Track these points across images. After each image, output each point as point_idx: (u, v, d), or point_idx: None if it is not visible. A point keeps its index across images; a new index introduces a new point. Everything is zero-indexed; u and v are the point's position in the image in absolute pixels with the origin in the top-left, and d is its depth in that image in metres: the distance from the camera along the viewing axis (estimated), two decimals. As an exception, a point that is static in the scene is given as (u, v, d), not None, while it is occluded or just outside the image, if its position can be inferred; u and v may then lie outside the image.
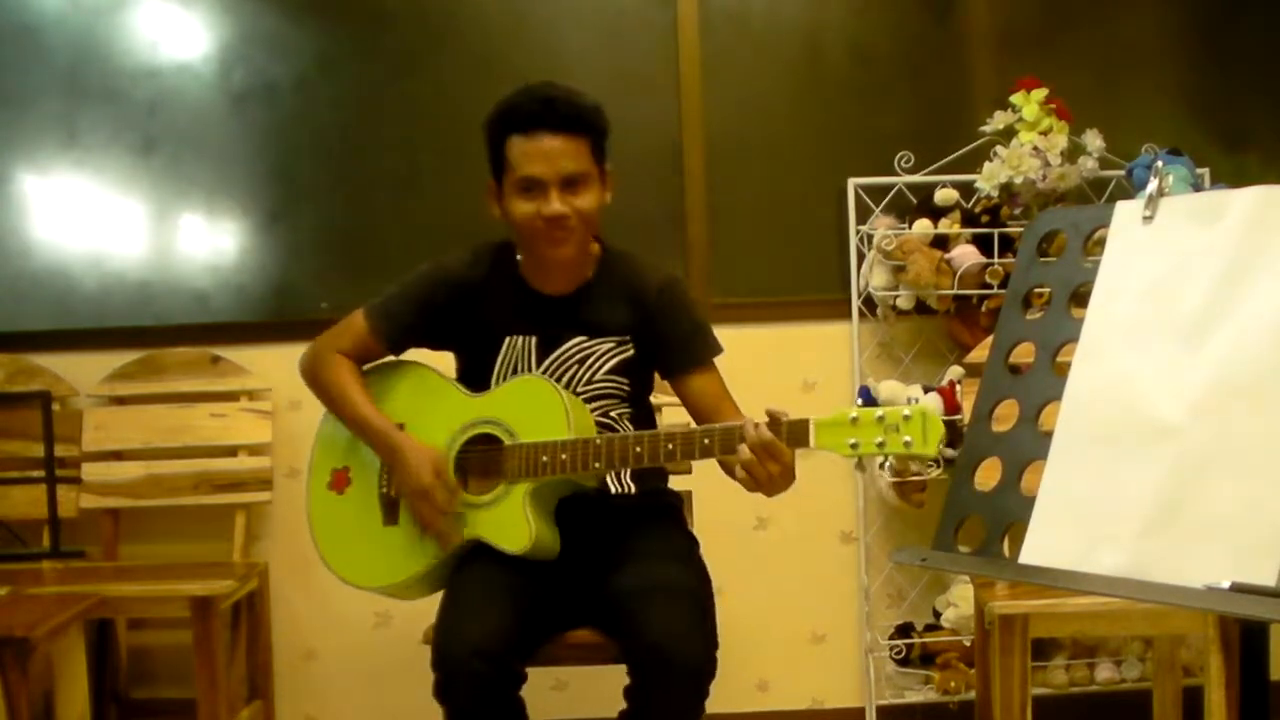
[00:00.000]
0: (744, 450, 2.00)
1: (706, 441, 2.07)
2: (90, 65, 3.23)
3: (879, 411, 1.94)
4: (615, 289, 2.29)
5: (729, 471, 2.17)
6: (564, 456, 2.13)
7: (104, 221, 3.25)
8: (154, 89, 3.24)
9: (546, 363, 2.26)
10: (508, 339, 2.28)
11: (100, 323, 3.24)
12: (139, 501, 3.08)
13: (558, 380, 2.24)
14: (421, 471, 2.18)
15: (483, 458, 2.23)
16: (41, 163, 3.26)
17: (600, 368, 2.28)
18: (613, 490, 2.30)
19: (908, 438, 1.91)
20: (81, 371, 3.17)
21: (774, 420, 2.00)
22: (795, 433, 1.99)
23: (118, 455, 3.11)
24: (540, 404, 2.19)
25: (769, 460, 1.99)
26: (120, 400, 3.16)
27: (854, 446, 1.94)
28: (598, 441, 2.13)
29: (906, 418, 1.91)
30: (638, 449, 2.11)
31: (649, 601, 2.07)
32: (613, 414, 2.30)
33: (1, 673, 2.11)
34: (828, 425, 1.97)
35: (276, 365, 3.14)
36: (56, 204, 3.26)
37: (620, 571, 2.16)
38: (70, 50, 3.23)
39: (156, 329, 3.23)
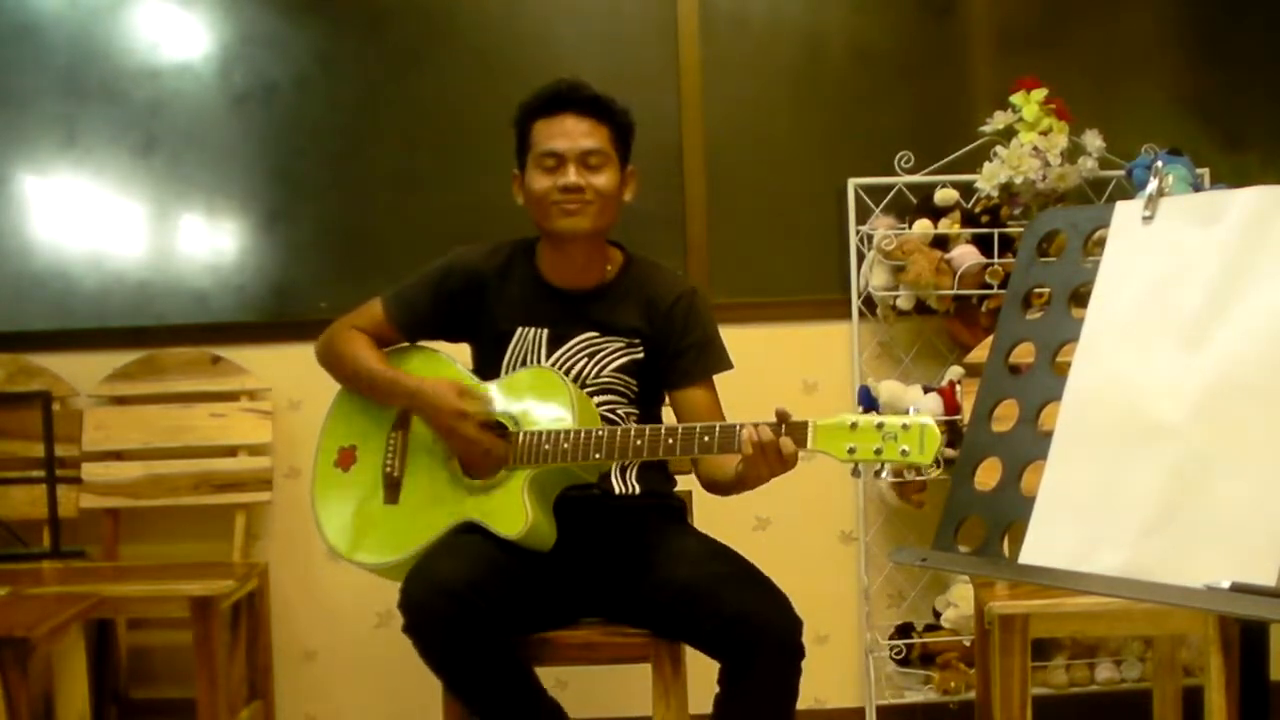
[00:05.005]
0: (746, 446, 2.01)
1: (706, 439, 2.08)
2: (90, 65, 3.23)
3: (878, 419, 1.95)
4: (632, 294, 2.32)
5: (714, 488, 2.22)
6: (565, 445, 2.14)
7: (104, 221, 3.25)
8: (154, 89, 3.24)
9: (556, 355, 2.29)
10: (519, 330, 2.31)
11: (100, 323, 3.24)
12: (139, 501, 3.08)
13: (566, 373, 2.26)
14: (446, 396, 2.20)
15: None
16: (41, 163, 3.26)
17: (609, 364, 2.30)
18: (617, 491, 2.31)
19: (905, 447, 1.92)
20: (81, 371, 3.16)
21: (779, 417, 2.01)
22: (794, 434, 2.01)
23: (118, 455, 3.11)
24: (547, 395, 2.21)
25: (774, 457, 2.01)
26: (120, 400, 3.16)
27: (851, 452, 1.96)
28: (599, 432, 2.15)
29: (905, 427, 1.92)
30: (638, 442, 2.13)
31: (717, 583, 2.09)
32: (620, 412, 2.31)
33: (1, 673, 2.11)
34: (826, 429, 1.99)
35: (276, 365, 3.14)
36: (56, 204, 3.26)
37: (660, 567, 2.16)
38: (70, 50, 3.23)
39: (156, 329, 3.23)
